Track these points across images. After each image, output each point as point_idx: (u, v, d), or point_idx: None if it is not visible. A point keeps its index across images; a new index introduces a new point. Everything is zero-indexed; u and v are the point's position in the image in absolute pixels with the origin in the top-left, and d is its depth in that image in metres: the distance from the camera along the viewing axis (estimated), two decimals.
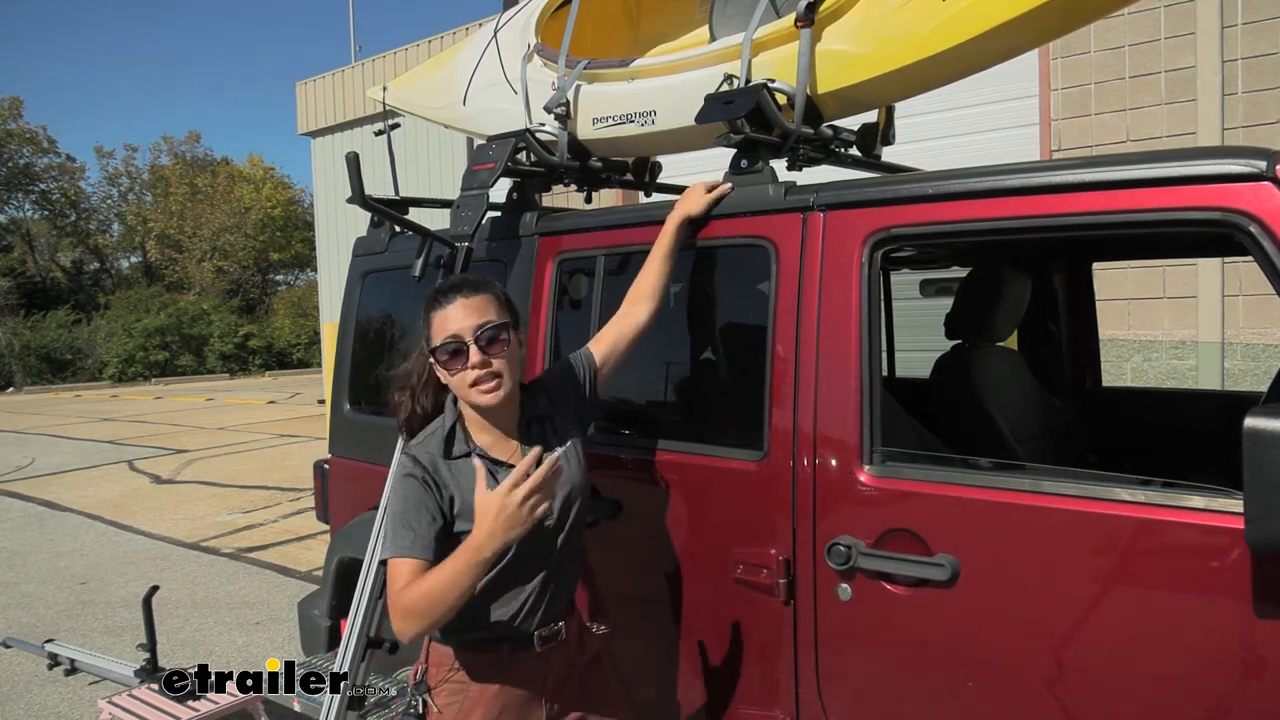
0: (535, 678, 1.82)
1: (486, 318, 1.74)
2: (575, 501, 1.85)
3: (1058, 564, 1.64)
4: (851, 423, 1.88)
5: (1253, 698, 1.48)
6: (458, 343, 1.73)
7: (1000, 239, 2.00)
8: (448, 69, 3.17)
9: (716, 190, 2.16)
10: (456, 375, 1.74)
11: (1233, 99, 5.36)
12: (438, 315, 1.77)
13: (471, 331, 1.73)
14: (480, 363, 1.72)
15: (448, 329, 1.74)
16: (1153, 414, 3.14)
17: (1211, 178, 1.54)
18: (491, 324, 1.74)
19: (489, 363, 1.73)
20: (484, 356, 1.73)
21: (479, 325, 1.73)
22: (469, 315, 1.74)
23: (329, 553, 3.14)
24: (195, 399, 21.27)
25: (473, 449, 1.79)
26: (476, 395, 1.74)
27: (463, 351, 1.73)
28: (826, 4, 2.14)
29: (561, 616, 1.86)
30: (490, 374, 1.73)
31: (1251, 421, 1.37)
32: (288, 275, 38.45)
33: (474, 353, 1.72)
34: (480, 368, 1.72)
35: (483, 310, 1.75)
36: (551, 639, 1.83)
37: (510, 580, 1.77)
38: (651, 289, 2.05)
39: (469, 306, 1.75)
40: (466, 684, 1.79)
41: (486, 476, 1.69)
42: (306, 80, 12.30)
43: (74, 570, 6.47)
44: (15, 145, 34.84)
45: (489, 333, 1.73)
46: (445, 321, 1.75)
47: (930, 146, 5.72)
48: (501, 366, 1.74)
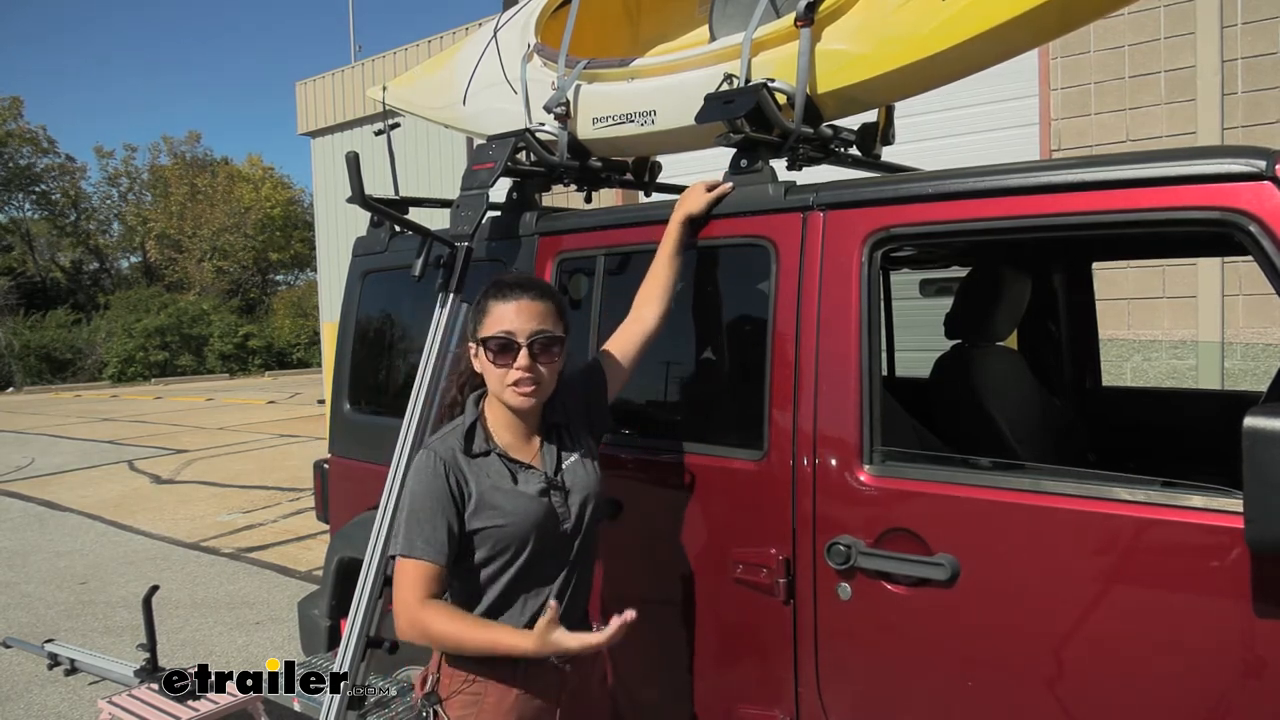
0: (550, 689, 1.80)
1: (544, 326, 1.76)
2: (590, 507, 1.85)
3: (1058, 564, 1.64)
4: (851, 422, 1.88)
5: (1253, 697, 1.48)
6: (510, 340, 1.74)
7: (1000, 239, 2.01)
8: (448, 69, 3.17)
9: (717, 189, 2.16)
10: (499, 370, 1.75)
11: (1233, 99, 5.36)
12: (497, 307, 1.77)
13: (527, 334, 1.74)
14: (527, 366, 1.74)
15: (504, 324, 1.75)
16: (1153, 414, 3.14)
17: (1211, 177, 1.54)
18: (547, 334, 1.76)
19: (536, 369, 1.75)
20: (532, 362, 1.74)
21: (536, 331, 1.75)
22: (530, 319, 1.75)
23: (329, 553, 3.14)
24: (195, 399, 21.27)
25: (493, 448, 1.80)
26: (511, 394, 1.75)
27: (512, 350, 1.74)
28: (826, 4, 2.14)
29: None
30: (532, 379, 1.75)
31: (1251, 421, 1.37)
32: (288, 275, 38.51)
33: (524, 356, 1.74)
34: (526, 370, 1.74)
35: (543, 318, 1.77)
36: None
37: (526, 588, 1.78)
38: (659, 292, 2.06)
39: (531, 310, 1.76)
40: (481, 695, 1.76)
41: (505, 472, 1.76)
42: (306, 80, 12.31)
43: (74, 570, 6.47)
44: (15, 145, 34.84)
45: (543, 341, 1.75)
46: (503, 316, 1.76)
47: (930, 146, 5.72)
48: (544, 375, 1.76)
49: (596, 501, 1.88)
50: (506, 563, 1.76)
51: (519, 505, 1.75)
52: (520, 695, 1.77)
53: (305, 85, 12.31)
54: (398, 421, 2.48)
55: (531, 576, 1.78)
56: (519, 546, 1.75)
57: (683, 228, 2.13)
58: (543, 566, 1.79)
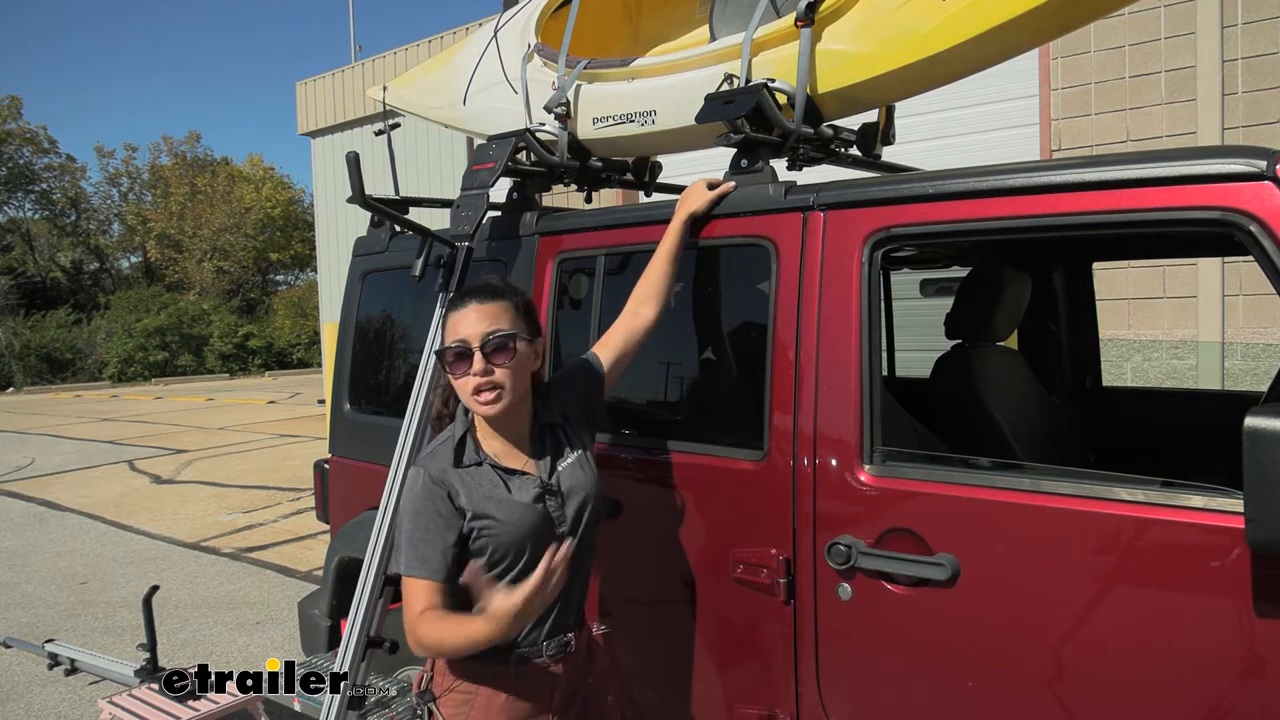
0: (543, 690, 1.80)
1: (496, 326, 1.73)
2: (587, 509, 1.84)
3: (1058, 563, 1.64)
4: (852, 422, 1.88)
5: (1253, 697, 1.48)
6: (463, 347, 1.73)
7: (1000, 239, 2.00)
8: (448, 69, 3.17)
9: (720, 188, 2.15)
10: (460, 380, 1.74)
11: (1233, 98, 5.36)
12: (451, 317, 1.78)
13: (479, 338, 1.72)
14: (482, 370, 1.71)
15: (457, 332, 1.74)
16: (1153, 414, 3.14)
17: (1212, 177, 1.54)
18: (500, 333, 1.73)
19: (491, 371, 1.72)
20: (486, 365, 1.71)
21: (487, 333, 1.72)
22: (480, 321, 1.73)
23: (329, 553, 3.14)
24: (195, 399, 21.27)
25: (484, 458, 1.78)
26: (476, 404, 1.74)
27: (467, 357, 1.72)
28: (826, 3, 2.14)
29: (570, 628, 1.84)
30: (490, 384, 1.72)
31: (1251, 421, 1.37)
32: (288, 275, 38.51)
33: (478, 360, 1.71)
34: (481, 375, 1.71)
35: (495, 318, 1.74)
36: (560, 651, 1.81)
37: None
38: (657, 289, 2.04)
39: (482, 312, 1.74)
40: (473, 693, 1.77)
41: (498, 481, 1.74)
42: (306, 80, 12.31)
43: (74, 570, 6.47)
44: (15, 145, 34.84)
45: (495, 341, 1.72)
46: (456, 325, 1.75)
47: (930, 146, 5.72)
48: (504, 377, 1.72)
49: (595, 502, 1.86)
50: (505, 569, 1.74)
51: (513, 514, 1.74)
52: (511, 695, 1.77)
53: (305, 85, 12.31)
54: (398, 422, 2.48)
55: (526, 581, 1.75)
56: (516, 554, 1.74)
57: (684, 226, 2.12)
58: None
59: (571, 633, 1.84)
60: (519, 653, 1.77)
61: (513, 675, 1.77)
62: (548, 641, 1.79)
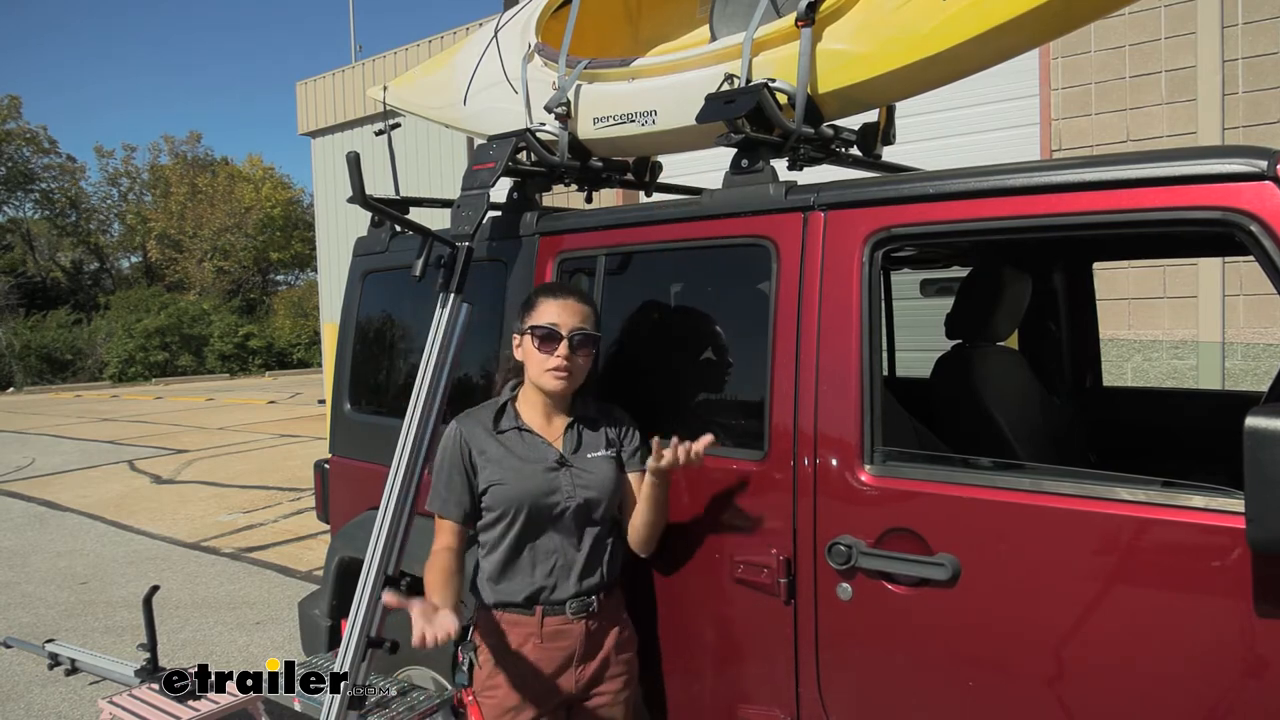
0: (564, 645, 2.02)
1: (584, 325, 2.05)
2: (601, 507, 2.05)
3: (1058, 563, 1.64)
4: (852, 422, 1.88)
5: (1253, 697, 1.48)
6: (554, 331, 2.01)
7: (1000, 239, 2.00)
8: (448, 69, 3.17)
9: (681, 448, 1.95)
10: (541, 355, 2.02)
11: (1233, 98, 5.36)
12: (546, 302, 2.05)
13: (569, 329, 2.02)
14: (565, 355, 2.01)
15: (549, 316, 2.02)
16: (1153, 414, 3.14)
17: (1212, 177, 1.54)
18: (586, 332, 2.05)
19: (573, 359, 2.02)
20: (571, 353, 2.02)
21: (577, 328, 2.03)
22: (573, 316, 2.03)
23: (329, 553, 3.14)
24: (195, 399, 21.27)
25: (518, 424, 2.07)
26: (549, 378, 2.03)
27: (554, 340, 2.01)
28: (827, 3, 2.14)
29: (595, 591, 2.05)
30: (566, 368, 2.02)
31: (1252, 421, 1.37)
32: (288, 275, 38.51)
33: (564, 346, 2.01)
34: (564, 358, 2.01)
35: (584, 318, 2.05)
36: (583, 610, 2.02)
37: (533, 552, 2.02)
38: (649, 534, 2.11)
39: (575, 309, 2.04)
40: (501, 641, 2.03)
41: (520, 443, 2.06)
42: (307, 80, 12.31)
43: (74, 570, 6.47)
44: (15, 145, 34.84)
45: (581, 337, 2.03)
46: (549, 310, 2.03)
47: (930, 146, 5.72)
48: (575, 367, 2.04)
49: (608, 499, 2.05)
50: (508, 524, 2.00)
51: (521, 471, 2.01)
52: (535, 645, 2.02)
53: (305, 85, 12.31)
54: (398, 422, 2.48)
55: (537, 541, 2.02)
56: (515, 510, 1.99)
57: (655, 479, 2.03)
58: (548, 535, 2.02)
59: (595, 595, 2.04)
60: (544, 608, 2.01)
61: (537, 627, 2.01)
62: (571, 600, 2.02)
